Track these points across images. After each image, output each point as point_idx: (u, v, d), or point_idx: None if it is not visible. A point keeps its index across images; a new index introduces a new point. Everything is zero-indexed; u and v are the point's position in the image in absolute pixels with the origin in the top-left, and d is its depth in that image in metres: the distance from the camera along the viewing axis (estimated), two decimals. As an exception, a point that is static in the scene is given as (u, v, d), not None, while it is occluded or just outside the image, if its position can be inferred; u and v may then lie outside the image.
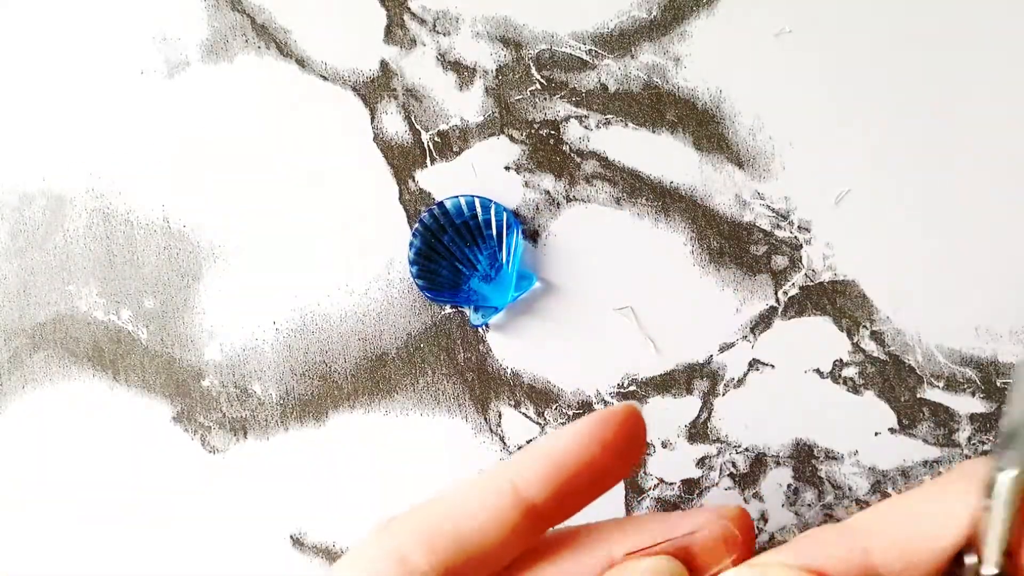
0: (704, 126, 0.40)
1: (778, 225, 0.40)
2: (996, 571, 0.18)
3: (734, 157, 0.40)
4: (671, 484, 0.41)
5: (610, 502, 0.41)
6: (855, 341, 0.40)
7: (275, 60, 0.41)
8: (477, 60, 0.41)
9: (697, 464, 0.41)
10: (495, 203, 0.40)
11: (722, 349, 0.41)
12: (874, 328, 0.40)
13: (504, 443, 0.41)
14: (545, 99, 0.41)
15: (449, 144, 0.41)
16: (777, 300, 0.40)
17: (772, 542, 0.41)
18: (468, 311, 0.41)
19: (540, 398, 0.41)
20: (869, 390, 0.40)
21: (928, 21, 0.40)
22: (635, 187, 0.41)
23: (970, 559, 0.19)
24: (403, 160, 0.41)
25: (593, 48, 0.41)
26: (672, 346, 0.41)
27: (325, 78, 0.41)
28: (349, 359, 0.41)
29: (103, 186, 0.42)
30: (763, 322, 0.40)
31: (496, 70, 0.41)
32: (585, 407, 0.41)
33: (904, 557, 0.19)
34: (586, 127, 0.41)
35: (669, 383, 0.41)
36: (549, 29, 0.41)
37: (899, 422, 0.40)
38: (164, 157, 0.42)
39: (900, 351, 0.40)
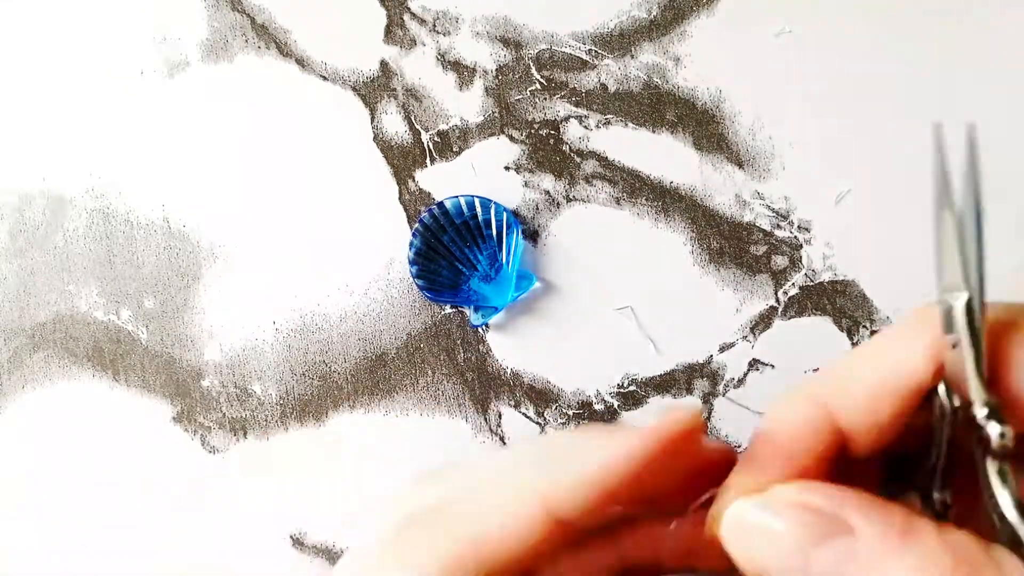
0: (704, 126, 0.40)
1: (778, 225, 0.40)
2: (986, 409, 0.16)
3: (734, 157, 0.40)
4: (671, 484, 0.41)
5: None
6: (855, 341, 0.40)
7: (275, 60, 0.41)
8: (477, 60, 0.41)
9: (697, 464, 0.41)
10: (495, 203, 0.40)
11: (722, 349, 0.41)
12: (874, 328, 0.40)
13: (504, 443, 0.41)
14: (545, 99, 0.41)
15: (449, 144, 0.41)
16: (777, 300, 0.40)
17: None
18: (468, 311, 0.41)
19: (540, 398, 0.41)
20: (869, 390, 0.40)
21: (928, 21, 0.40)
22: (635, 187, 0.41)
23: (943, 398, 0.18)
24: (403, 160, 0.41)
25: (593, 48, 0.41)
26: (672, 346, 0.41)
27: (325, 78, 0.41)
28: (349, 359, 0.41)
29: (103, 186, 0.42)
30: (763, 322, 0.40)
31: (496, 70, 0.41)
32: (585, 407, 0.41)
33: (867, 406, 0.18)
34: (586, 127, 0.41)
35: (669, 383, 0.41)
36: (549, 29, 0.41)
37: (899, 422, 0.40)
38: (164, 157, 0.42)
39: (900, 351, 0.40)
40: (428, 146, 0.41)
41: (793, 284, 0.40)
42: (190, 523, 0.41)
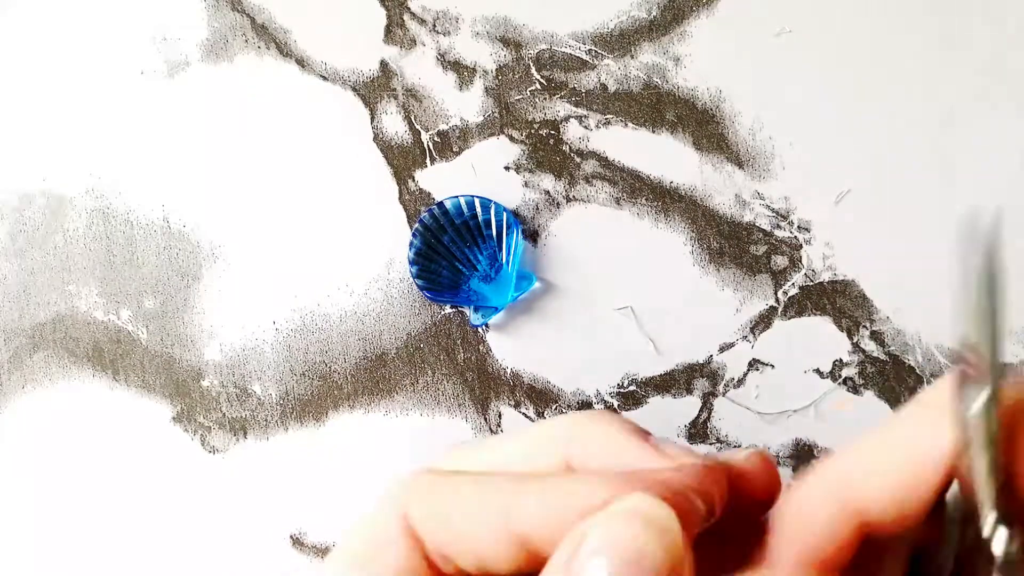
0: (704, 126, 0.40)
1: (778, 225, 0.40)
2: (993, 517, 0.15)
3: (734, 157, 0.40)
4: (671, 484, 0.41)
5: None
6: (855, 341, 0.40)
7: (275, 60, 0.41)
8: (477, 60, 0.41)
9: (697, 464, 0.41)
10: (495, 203, 0.40)
11: (722, 349, 0.41)
12: (874, 328, 0.40)
13: (504, 443, 0.41)
14: (545, 99, 0.41)
15: (449, 144, 0.41)
16: (777, 300, 0.40)
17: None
18: (468, 311, 0.41)
19: (540, 398, 0.41)
20: (869, 390, 0.40)
21: (928, 21, 0.40)
22: (635, 187, 0.41)
23: (953, 494, 0.17)
24: (403, 160, 0.41)
25: (593, 48, 0.41)
26: (672, 346, 0.41)
27: (325, 78, 0.41)
28: (349, 359, 0.41)
29: (103, 186, 0.42)
30: (763, 322, 0.40)
31: (496, 70, 0.41)
32: (585, 407, 0.41)
33: (893, 497, 0.17)
34: (586, 127, 0.41)
35: (669, 383, 0.41)
36: (549, 29, 0.41)
37: (899, 422, 0.40)
38: (164, 157, 0.42)
39: (900, 351, 0.40)
40: (428, 146, 0.41)
41: (793, 284, 0.40)
42: (190, 523, 0.41)
